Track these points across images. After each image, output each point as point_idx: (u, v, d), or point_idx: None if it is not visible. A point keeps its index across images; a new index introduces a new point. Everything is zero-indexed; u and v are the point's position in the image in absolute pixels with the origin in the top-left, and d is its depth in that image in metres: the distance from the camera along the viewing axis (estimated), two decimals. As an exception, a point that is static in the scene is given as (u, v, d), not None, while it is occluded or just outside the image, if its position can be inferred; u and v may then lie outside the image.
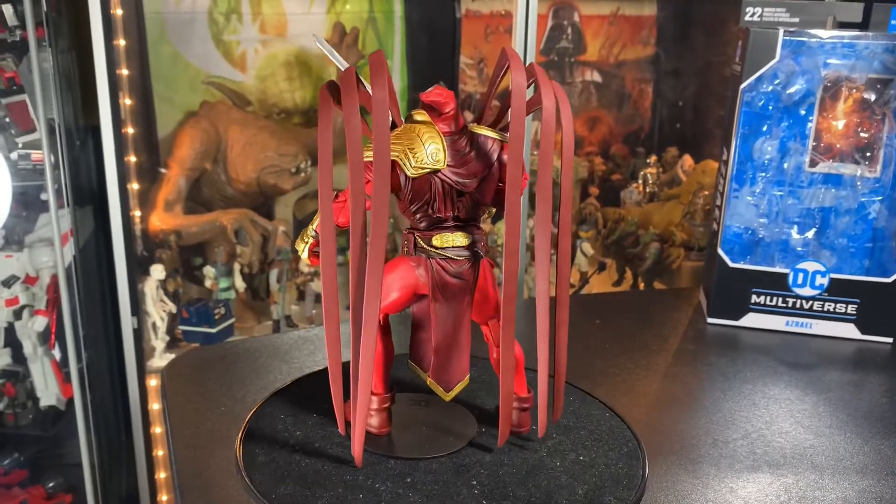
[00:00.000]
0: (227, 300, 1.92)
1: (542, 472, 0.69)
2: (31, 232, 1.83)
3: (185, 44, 1.97)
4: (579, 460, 0.70)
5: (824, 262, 1.13)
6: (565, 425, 0.77)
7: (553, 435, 0.74)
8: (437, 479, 0.66)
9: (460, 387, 0.69)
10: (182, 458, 0.81)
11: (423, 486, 0.65)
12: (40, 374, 1.87)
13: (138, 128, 1.85)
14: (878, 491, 0.76)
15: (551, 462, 0.70)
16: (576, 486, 0.66)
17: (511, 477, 0.67)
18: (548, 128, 0.59)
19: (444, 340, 0.68)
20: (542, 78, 0.61)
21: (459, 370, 0.69)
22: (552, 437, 0.74)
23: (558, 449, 0.71)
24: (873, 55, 1.07)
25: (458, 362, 0.68)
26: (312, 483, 0.65)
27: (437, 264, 0.66)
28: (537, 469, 0.69)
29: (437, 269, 0.66)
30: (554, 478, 0.67)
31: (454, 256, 0.65)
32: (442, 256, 0.66)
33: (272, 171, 1.98)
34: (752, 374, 1.01)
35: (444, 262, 0.66)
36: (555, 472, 0.67)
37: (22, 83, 1.70)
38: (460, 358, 0.68)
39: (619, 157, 2.35)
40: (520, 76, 0.59)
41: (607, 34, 2.31)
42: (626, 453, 0.72)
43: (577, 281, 2.21)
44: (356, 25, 2.03)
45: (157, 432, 1.83)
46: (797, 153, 1.12)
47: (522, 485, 0.66)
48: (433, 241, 0.66)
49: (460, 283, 0.66)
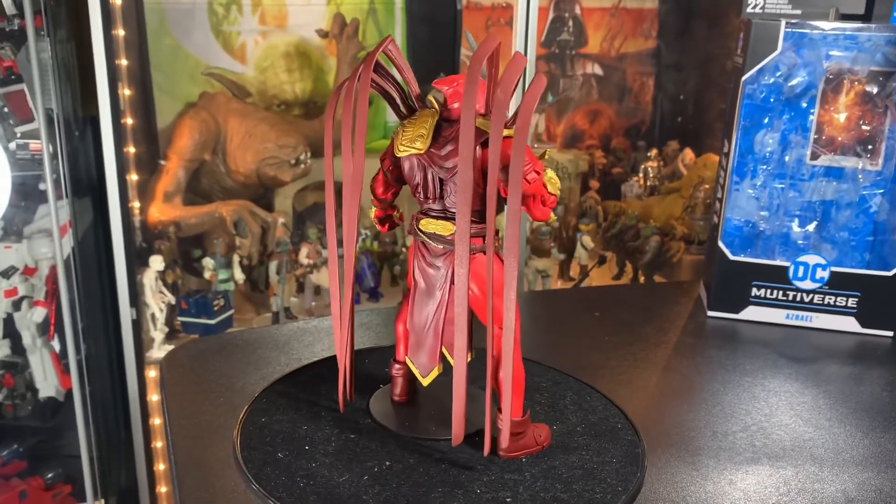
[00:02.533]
0: (227, 292, 1.92)
1: (540, 463, 0.69)
2: (31, 223, 1.83)
3: (185, 34, 1.96)
4: (578, 452, 0.70)
5: (825, 256, 1.13)
6: (565, 417, 0.77)
7: (552, 427, 0.74)
8: (435, 462, 0.66)
9: (434, 374, 0.69)
10: (180, 448, 0.81)
11: (419, 470, 0.65)
12: (39, 365, 1.87)
13: (137, 119, 1.85)
14: (877, 483, 0.76)
15: (550, 453, 0.70)
16: (574, 478, 0.65)
17: (508, 467, 0.67)
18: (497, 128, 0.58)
19: (418, 324, 0.68)
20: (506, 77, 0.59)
21: (432, 358, 0.68)
22: (551, 429, 0.74)
23: (557, 441, 0.71)
24: (876, 47, 1.06)
25: (432, 350, 0.68)
26: (311, 473, 0.65)
27: (420, 249, 0.67)
28: (535, 460, 0.69)
29: (420, 253, 0.67)
30: (552, 469, 0.67)
31: (433, 243, 0.65)
32: (422, 241, 0.66)
33: (272, 162, 1.98)
34: (752, 367, 1.01)
35: (424, 249, 0.67)
36: (553, 464, 0.67)
37: (20, 73, 1.69)
38: (434, 346, 0.67)
39: (620, 151, 2.35)
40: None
41: (609, 27, 2.30)
42: (626, 445, 0.72)
43: (578, 274, 2.21)
44: (356, 17, 2.02)
45: (156, 424, 1.83)
46: (798, 146, 1.11)
47: (519, 473, 0.66)
48: (420, 224, 0.67)
49: (434, 273, 0.66)
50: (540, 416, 0.76)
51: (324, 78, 2.10)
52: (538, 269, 2.14)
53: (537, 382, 0.82)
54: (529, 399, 0.77)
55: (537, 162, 0.63)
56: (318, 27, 2.04)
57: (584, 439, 0.71)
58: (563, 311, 1.23)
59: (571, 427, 0.74)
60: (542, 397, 0.79)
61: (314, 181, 2.11)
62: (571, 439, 0.72)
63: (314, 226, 2.07)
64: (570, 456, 0.68)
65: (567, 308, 1.25)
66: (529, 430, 0.68)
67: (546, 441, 0.69)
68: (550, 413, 0.77)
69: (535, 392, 0.80)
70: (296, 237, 2.04)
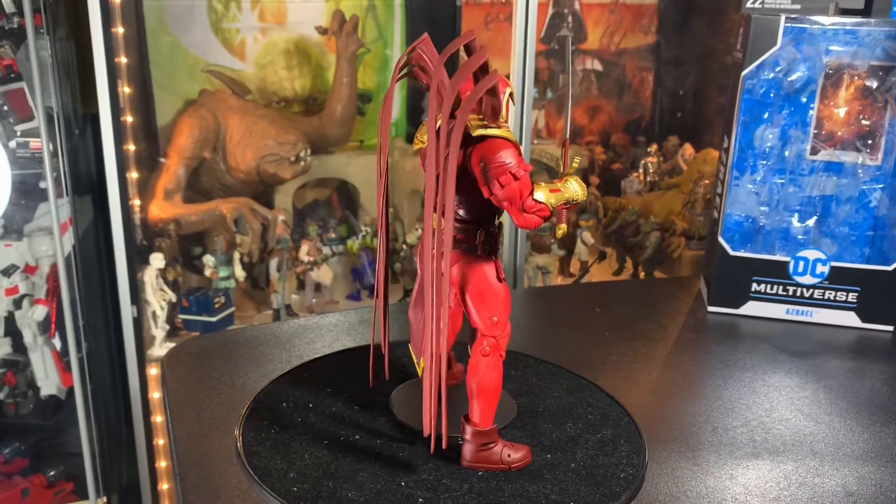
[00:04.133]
0: (227, 289, 1.92)
1: (542, 459, 0.69)
2: (31, 221, 1.83)
3: (184, 32, 1.96)
4: (579, 448, 0.70)
5: (825, 251, 1.13)
6: (566, 413, 0.77)
7: (546, 410, 0.74)
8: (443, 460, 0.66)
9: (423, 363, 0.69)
10: (182, 445, 0.81)
11: (423, 467, 0.65)
12: (40, 363, 1.88)
13: (137, 116, 1.85)
14: (877, 478, 0.76)
15: (551, 449, 0.70)
16: (575, 474, 0.66)
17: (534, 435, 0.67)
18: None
19: (415, 317, 0.69)
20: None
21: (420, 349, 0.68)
22: (552, 425, 0.74)
23: (558, 436, 0.71)
24: (875, 42, 1.06)
25: (422, 341, 0.68)
26: (313, 469, 0.65)
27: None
28: (536, 454, 0.69)
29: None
30: (554, 465, 0.67)
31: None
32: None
33: (272, 159, 1.98)
34: (753, 363, 1.01)
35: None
36: (554, 459, 0.67)
37: (20, 71, 1.69)
38: (424, 338, 0.67)
39: (620, 147, 2.35)
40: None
41: (608, 22, 2.30)
42: (626, 441, 0.72)
43: (578, 270, 2.21)
44: (356, 13, 2.02)
45: (158, 421, 1.83)
46: (798, 141, 1.11)
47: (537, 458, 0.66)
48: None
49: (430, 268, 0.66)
50: (539, 411, 0.76)
51: (323, 75, 2.10)
52: (538, 265, 2.14)
53: (537, 378, 0.83)
54: (528, 394, 0.77)
55: (520, 165, 0.60)
56: (318, 24, 2.03)
57: (584, 435, 0.72)
58: (564, 307, 1.23)
59: (572, 423, 0.74)
60: (542, 393, 0.79)
61: (314, 178, 2.11)
62: (572, 435, 0.72)
63: (314, 223, 2.08)
64: (571, 451, 0.68)
65: (567, 304, 1.25)
66: (499, 445, 0.66)
67: (517, 463, 0.65)
68: (550, 409, 0.77)
69: (535, 388, 0.80)
70: (296, 234, 2.04)
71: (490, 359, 0.63)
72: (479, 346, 0.64)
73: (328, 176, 2.13)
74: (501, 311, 0.64)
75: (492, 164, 0.60)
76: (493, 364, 0.64)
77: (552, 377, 0.82)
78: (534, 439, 0.70)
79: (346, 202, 2.17)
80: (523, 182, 0.60)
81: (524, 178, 0.60)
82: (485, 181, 0.60)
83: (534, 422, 0.72)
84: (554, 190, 0.62)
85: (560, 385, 0.81)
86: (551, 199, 0.61)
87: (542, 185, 0.61)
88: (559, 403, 0.76)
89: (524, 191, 0.60)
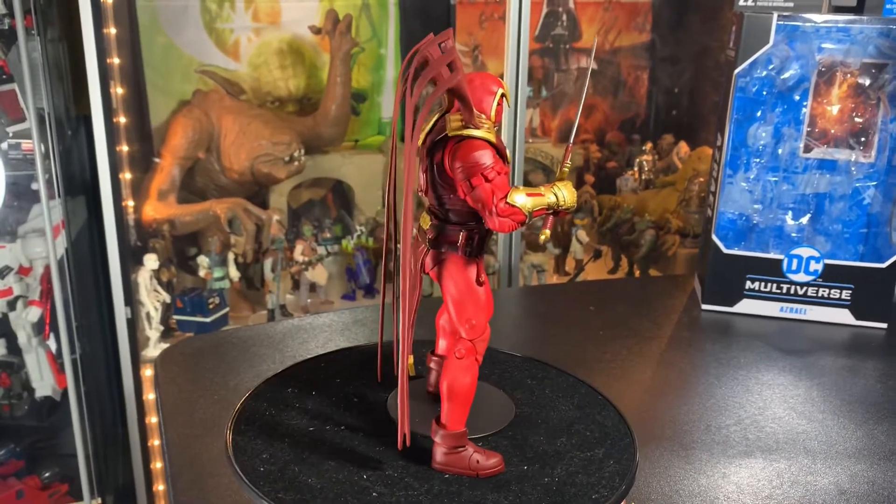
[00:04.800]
0: (222, 290, 1.92)
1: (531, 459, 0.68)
2: (24, 222, 1.82)
3: (178, 32, 1.95)
4: (569, 447, 0.70)
5: (819, 248, 1.13)
6: (564, 427, 0.76)
7: (544, 422, 0.74)
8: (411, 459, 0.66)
9: (410, 360, 0.68)
10: (175, 446, 0.81)
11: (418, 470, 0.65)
12: (35, 364, 1.87)
13: (131, 117, 1.84)
14: (870, 475, 0.76)
15: (542, 448, 0.69)
16: (545, 490, 0.65)
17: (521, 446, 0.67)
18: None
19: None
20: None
21: (409, 344, 0.67)
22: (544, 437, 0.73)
23: (545, 449, 0.69)
24: (868, 39, 1.06)
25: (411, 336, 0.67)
26: (303, 470, 0.65)
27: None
28: (525, 455, 0.69)
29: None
30: (526, 478, 0.65)
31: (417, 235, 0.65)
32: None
33: (266, 159, 1.97)
34: (746, 360, 1.01)
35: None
36: (530, 472, 0.66)
37: (11, 72, 1.69)
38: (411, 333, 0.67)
39: (615, 145, 2.35)
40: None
41: (602, 20, 2.30)
42: (616, 462, 0.71)
43: (573, 268, 2.21)
44: (349, 13, 2.02)
45: (153, 422, 1.83)
46: (791, 139, 1.11)
47: (512, 469, 0.66)
48: (420, 217, 0.67)
49: (415, 264, 0.65)
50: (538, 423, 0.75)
51: (317, 74, 2.09)
52: (533, 263, 2.14)
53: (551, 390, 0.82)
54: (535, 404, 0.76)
55: (494, 167, 0.59)
56: (312, 24, 2.03)
57: (573, 452, 0.69)
58: (559, 306, 1.23)
59: (566, 437, 0.74)
60: (549, 405, 0.79)
61: (309, 178, 2.11)
62: (560, 450, 0.71)
63: (309, 223, 2.07)
64: (552, 466, 0.66)
65: (562, 302, 1.25)
66: (469, 450, 0.64)
67: (486, 470, 0.64)
68: (550, 421, 0.77)
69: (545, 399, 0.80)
70: (291, 234, 2.04)
71: (464, 362, 0.62)
72: (454, 349, 0.63)
73: (323, 176, 2.13)
74: (478, 314, 0.62)
75: (465, 165, 0.59)
76: (466, 367, 0.63)
77: (567, 390, 0.80)
78: (518, 449, 0.68)
79: (341, 202, 2.17)
80: (496, 184, 0.58)
81: (497, 180, 0.59)
82: (459, 182, 0.59)
83: (527, 432, 0.70)
84: (534, 194, 0.60)
85: (571, 399, 0.79)
86: (527, 204, 0.59)
87: (520, 189, 0.59)
88: (562, 417, 0.74)
89: (497, 193, 0.58)
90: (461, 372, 0.63)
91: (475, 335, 0.63)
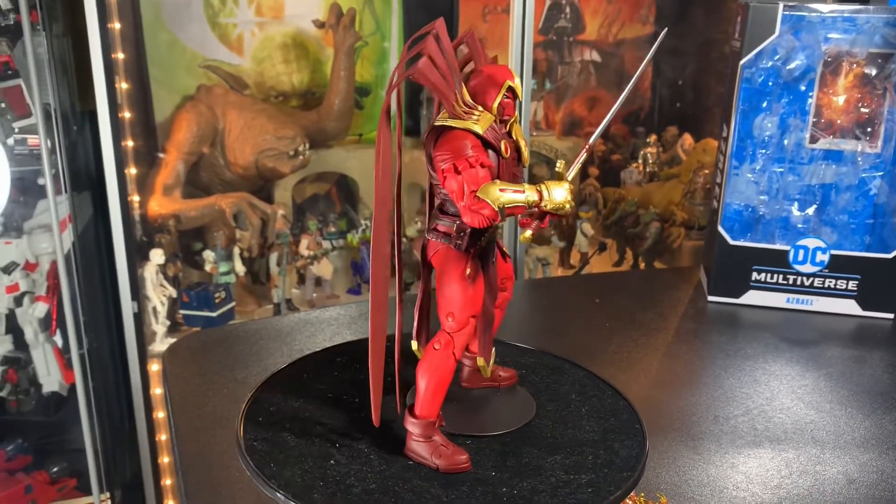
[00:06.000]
0: (228, 284, 1.92)
1: (542, 449, 0.69)
2: (30, 218, 1.83)
3: (182, 27, 1.95)
4: (580, 438, 0.70)
5: (825, 239, 1.13)
6: (566, 403, 0.77)
7: (554, 413, 0.74)
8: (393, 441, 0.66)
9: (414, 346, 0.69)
10: (184, 440, 0.81)
11: (367, 437, 0.65)
12: (42, 360, 1.88)
13: (135, 112, 1.84)
14: (879, 465, 0.76)
15: (552, 440, 0.70)
16: (576, 464, 0.65)
17: (510, 453, 0.67)
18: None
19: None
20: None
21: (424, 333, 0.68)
22: (553, 415, 0.74)
23: (528, 462, 0.68)
24: (874, 29, 1.06)
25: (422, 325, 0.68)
26: (313, 463, 0.65)
27: None
28: (537, 445, 0.69)
29: None
30: (483, 483, 0.65)
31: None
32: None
33: (270, 154, 1.98)
34: (753, 351, 1.01)
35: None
36: (493, 480, 0.65)
37: (17, 68, 1.69)
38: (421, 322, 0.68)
39: (619, 137, 2.34)
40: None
41: (606, 13, 2.29)
42: (627, 431, 0.72)
43: (578, 262, 2.21)
44: (353, 6, 2.01)
45: (160, 417, 1.84)
46: (797, 129, 1.11)
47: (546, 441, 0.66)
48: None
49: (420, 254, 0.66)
50: (540, 402, 0.76)
51: (321, 69, 2.09)
52: (538, 257, 2.14)
53: (537, 369, 0.82)
54: (530, 384, 0.77)
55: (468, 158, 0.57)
56: (315, 17, 2.03)
57: (559, 473, 0.67)
58: (564, 299, 1.23)
59: (572, 413, 0.74)
60: (542, 383, 0.79)
61: (313, 172, 2.11)
62: (572, 426, 0.72)
63: (314, 217, 2.07)
64: (521, 480, 0.66)
65: (568, 295, 1.25)
66: (434, 443, 0.63)
67: (445, 467, 0.62)
68: (550, 399, 0.77)
69: (536, 378, 0.80)
70: (296, 229, 2.04)
71: (440, 353, 0.62)
72: (435, 338, 0.63)
73: (327, 170, 2.13)
74: (459, 309, 0.61)
75: (441, 155, 0.58)
76: (441, 358, 0.62)
77: (551, 367, 0.81)
78: (502, 457, 0.66)
79: (346, 196, 2.17)
80: (468, 177, 0.57)
81: (469, 172, 0.57)
82: (437, 172, 0.59)
83: (522, 445, 0.68)
84: (510, 189, 0.57)
85: (559, 375, 0.79)
86: (499, 200, 0.56)
87: (497, 183, 0.57)
88: (576, 436, 0.69)
89: (469, 186, 0.57)
90: (433, 362, 0.62)
91: (453, 329, 0.62)
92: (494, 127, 0.60)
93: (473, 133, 0.59)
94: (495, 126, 0.60)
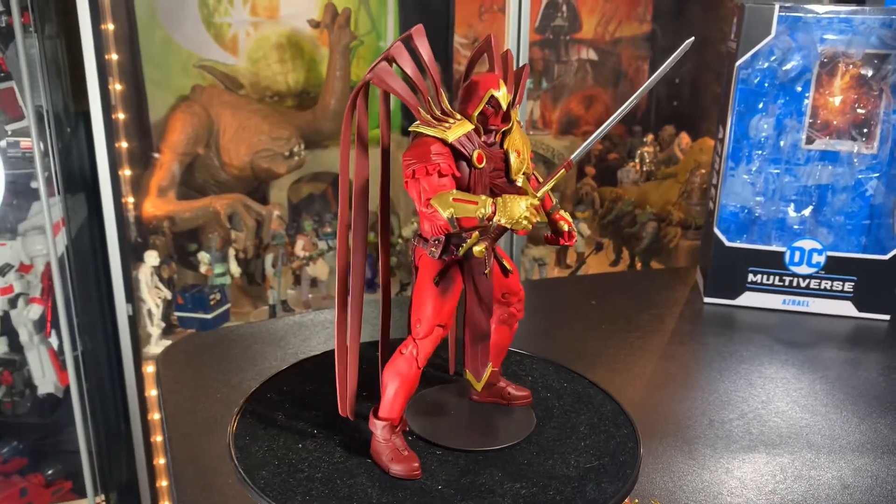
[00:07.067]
0: (223, 286, 1.92)
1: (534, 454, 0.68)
2: (24, 220, 1.82)
3: (176, 27, 1.94)
4: (573, 443, 0.69)
5: (821, 240, 1.13)
6: (560, 407, 0.77)
7: (547, 417, 0.74)
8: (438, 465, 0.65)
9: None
10: (177, 445, 0.81)
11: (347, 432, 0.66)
12: (37, 362, 1.87)
13: (129, 113, 1.84)
14: (874, 469, 0.76)
15: (545, 444, 0.69)
16: (570, 469, 0.65)
17: (505, 459, 0.66)
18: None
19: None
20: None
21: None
22: (546, 420, 0.73)
23: (553, 431, 0.70)
24: (870, 30, 1.05)
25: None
26: (305, 469, 0.64)
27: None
28: (528, 449, 0.68)
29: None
30: (548, 461, 0.66)
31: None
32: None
33: (265, 155, 1.97)
34: (749, 354, 1.01)
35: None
36: (546, 455, 0.67)
37: (9, 70, 1.68)
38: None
39: (616, 136, 2.34)
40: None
41: (603, 11, 2.29)
42: (621, 435, 0.71)
43: (574, 261, 2.21)
44: (348, 6, 2.01)
45: (156, 418, 1.83)
46: (794, 130, 1.11)
47: (517, 467, 0.66)
48: None
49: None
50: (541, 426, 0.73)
51: (316, 68, 2.09)
52: (535, 257, 2.14)
53: (531, 373, 0.82)
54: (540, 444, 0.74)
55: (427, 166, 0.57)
56: (310, 17, 2.02)
57: (578, 429, 0.70)
58: (560, 300, 1.22)
59: (564, 418, 0.74)
60: (535, 387, 0.78)
61: (309, 172, 2.10)
62: (565, 430, 0.72)
63: (309, 217, 2.07)
64: (564, 447, 0.67)
65: (564, 296, 1.25)
66: (394, 444, 0.63)
67: (395, 471, 0.61)
68: (542, 404, 0.77)
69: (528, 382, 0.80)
70: (291, 229, 2.03)
71: (405, 357, 0.62)
72: (404, 343, 0.62)
73: (323, 170, 2.12)
74: (426, 317, 0.61)
75: (406, 160, 0.58)
76: (405, 362, 0.62)
77: (545, 371, 0.80)
78: (460, 474, 0.63)
79: (342, 196, 2.16)
80: (425, 184, 0.57)
81: (427, 179, 0.57)
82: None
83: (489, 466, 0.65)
84: (463, 200, 0.56)
85: (552, 379, 0.78)
86: (447, 210, 0.56)
87: (451, 193, 0.56)
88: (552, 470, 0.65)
89: (424, 193, 0.57)
90: (400, 366, 0.62)
91: (419, 335, 0.61)
92: (471, 136, 0.59)
93: (441, 141, 0.58)
94: (472, 135, 0.59)
